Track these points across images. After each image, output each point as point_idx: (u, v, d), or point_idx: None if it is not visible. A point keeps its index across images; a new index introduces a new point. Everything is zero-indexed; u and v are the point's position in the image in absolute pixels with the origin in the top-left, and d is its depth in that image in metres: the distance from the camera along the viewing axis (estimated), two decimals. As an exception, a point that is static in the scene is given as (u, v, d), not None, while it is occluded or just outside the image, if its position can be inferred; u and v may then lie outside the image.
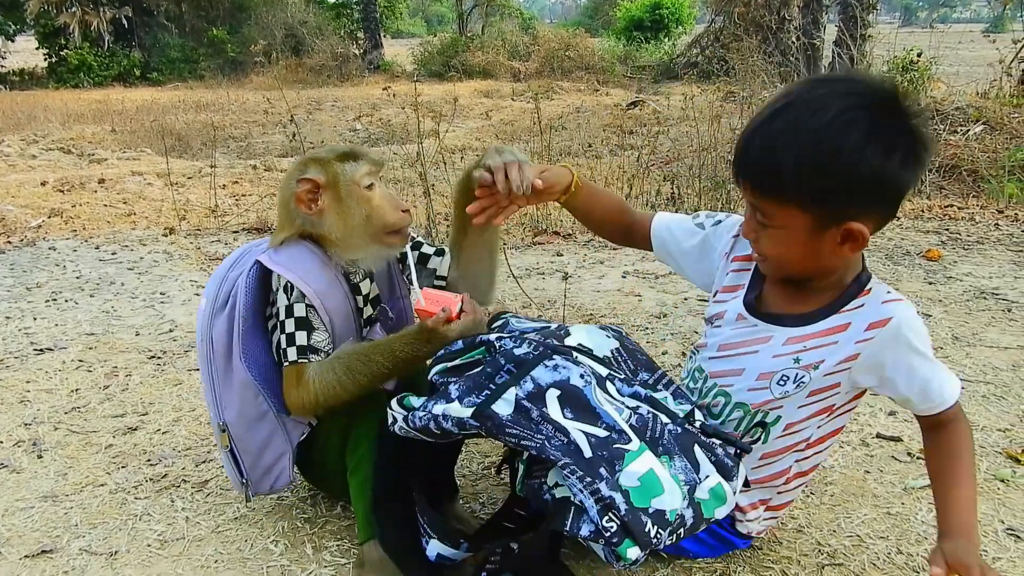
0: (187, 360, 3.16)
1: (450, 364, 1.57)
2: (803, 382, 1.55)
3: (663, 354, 3.03)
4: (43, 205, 6.66)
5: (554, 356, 1.46)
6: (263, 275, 1.84)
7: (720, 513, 1.46)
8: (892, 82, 1.42)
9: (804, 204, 1.39)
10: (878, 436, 2.37)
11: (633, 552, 1.33)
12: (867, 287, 1.55)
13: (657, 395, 1.55)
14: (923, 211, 5.44)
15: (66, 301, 3.99)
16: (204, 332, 1.88)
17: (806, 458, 1.68)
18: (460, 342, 1.60)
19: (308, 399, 1.77)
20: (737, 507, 1.69)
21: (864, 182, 1.35)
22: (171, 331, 3.53)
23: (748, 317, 1.63)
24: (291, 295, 1.79)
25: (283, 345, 1.79)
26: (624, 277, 4.15)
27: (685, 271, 1.84)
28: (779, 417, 1.61)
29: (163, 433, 2.55)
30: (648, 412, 1.46)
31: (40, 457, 2.40)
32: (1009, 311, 3.40)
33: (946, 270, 4.02)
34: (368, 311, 1.96)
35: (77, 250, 5.09)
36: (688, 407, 1.56)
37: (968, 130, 7.08)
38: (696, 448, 1.46)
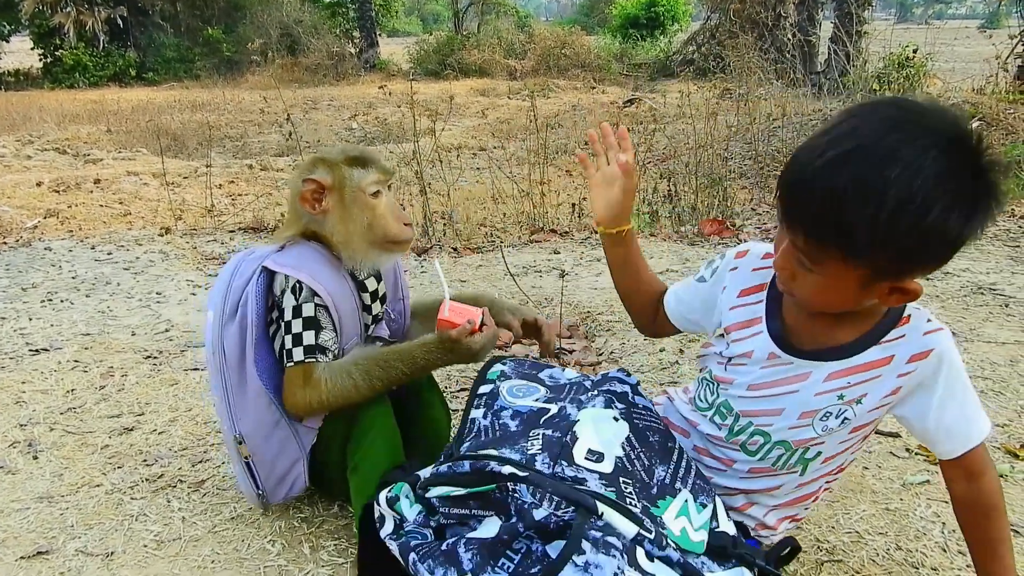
0: (183, 360, 3.16)
1: (455, 491, 1.41)
2: (847, 418, 1.46)
3: (660, 351, 3.03)
4: (39, 206, 6.65)
5: (583, 545, 1.26)
6: (271, 281, 1.83)
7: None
8: (969, 125, 1.23)
9: (866, 265, 1.25)
10: (877, 432, 2.37)
11: None
12: (906, 314, 1.43)
13: (677, 502, 1.44)
14: (920, 207, 5.43)
15: (62, 301, 3.98)
16: (215, 344, 1.84)
17: (836, 480, 1.64)
18: (467, 464, 1.41)
19: (315, 400, 1.77)
20: (764, 526, 1.64)
21: (939, 247, 1.23)
22: (167, 331, 3.52)
23: (781, 355, 1.49)
24: (300, 295, 1.78)
25: (288, 345, 1.78)
26: (621, 274, 4.13)
27: (707, 330, 1.70)
28: (819, 452, 1.53)
29: (159, 433, 2.54)
30: None
31: (36, 458, 2.39)
32: (1006, 307, 3.40)
33: (943, 266, 4.01)
34: (376, 308, 1.97)
35: (73, 250, 5.07)
36: (710, 506, 1.48)
37: (964, 126, 7.09)
38: None
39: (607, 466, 1.42)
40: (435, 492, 1.44)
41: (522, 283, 3.95)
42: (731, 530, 1.48)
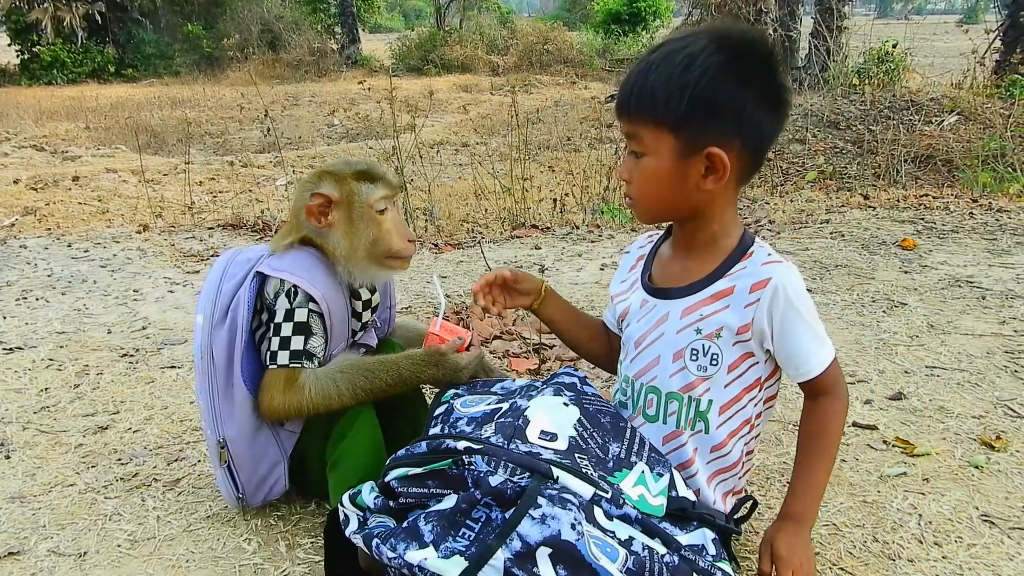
0: (160, 358, 3.12)
1: (412, 471, 1.43)
2: (715, 354, 1.57)
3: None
4: (16, 203, 6.58)
5: (539, 500, 1.28)
6: (261, 286, 1.82)
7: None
8: (761, 32, 1.61)
9: (672, 124, 1.47)
10: (854, 425, 2.38)
11: None
12: (750, 250, 1.59)
13: (633, 473, 1.46)
14: (899, 201, 5.47)
15: (37, 299, 3.93)
16: (204, 348, 1.82)
17: (754, 437, 1.69)
18: (423, 445, 1.46)
19: (295, 405, 1.76)
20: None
21: (723, 105, 1.46)
22: (144, 328, 3.49)
23: (649, 299, 1.67)
24: (294, 299, 1.77)
25: (274, 347, 1.77)
26: (602, 269, 4.14)
27: None
28: (711, 401, 1.60)
29: (134, 432, 2.51)
30: (643, 548, 1.33)
31: (8, 457, 2.36)
32: (983, 299, 3.42)
33: (921, 259, 4.04)
34: (367, 316, 1.97)
35: (49, 248, 5.02)
36: (667, 475, 1.51)
37: (943, 120, 7.14)
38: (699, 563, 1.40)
39: (561, 444, 1.44)
40: (393, 474, 1.46)
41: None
42: (690, 496, 1.52)
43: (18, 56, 23.00)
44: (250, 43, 22.46)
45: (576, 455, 1.43)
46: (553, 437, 1.45)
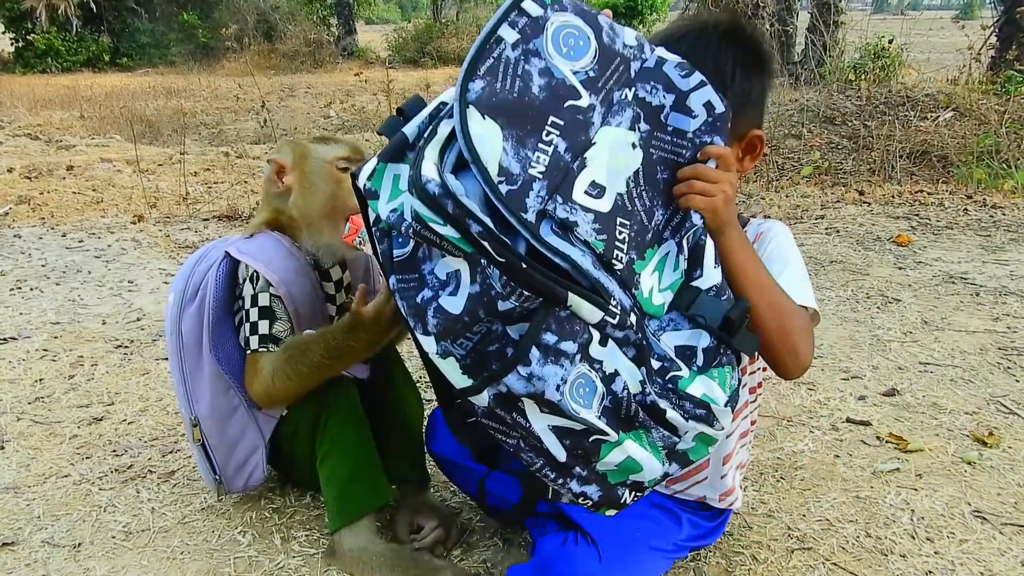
0: (155, 349, 3.12)
1: (431, 218, 1.19)
2: None
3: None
4: (10, 192, 6.54)
5: (530, 356, 1.20)
6: (232, 267, 1.82)
7: (712, 449, 1.41)
8: (732, 13, 1.64)
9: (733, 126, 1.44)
10: (848, 421, 2.39)
11: (611, 512, 1.35)
12: (747, 224, 1.60)
13: (658, 254, 1.35)
14: (893, 197, 5.48)
15: (31, 290, 3.92)
16: (173, 326, 1.85)
17: (756, 408, 1.71)
18: (449, 203, 1.17)
19: (260, 389, 1.76)
20: (726, 492, 1.69)
21: (759, 97, 1.52)
22: (139, 320, 3.48)
23: None
24: (256, 284, 1.77)
25: (246, 334, 1.77)
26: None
27: None
28: None
29: (129, 423, 2.51)
30: (623, 390, 1.29)
31: (2, 448, 2.35)
32: (977, 295, 3.43)
33: (916, 255, 4.05)
34: (341, 298, 1.95)
35: (43, 238, 5.00)
36: (684, 261, 1.37)
37: (938, 116, 7.14)
38: (670, 413, 1.33)
39: (606, 203, 1.28)
40: (413, 206, 1.21)
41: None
42: (711, 281, 1.38)
43: (12, 44, 22.84)
44: (246, 33, 22.35)
45: (619, 220, 1.28)
46: (601, 192, 1.28)
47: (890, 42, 9.61)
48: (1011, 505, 1.95)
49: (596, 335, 1.24)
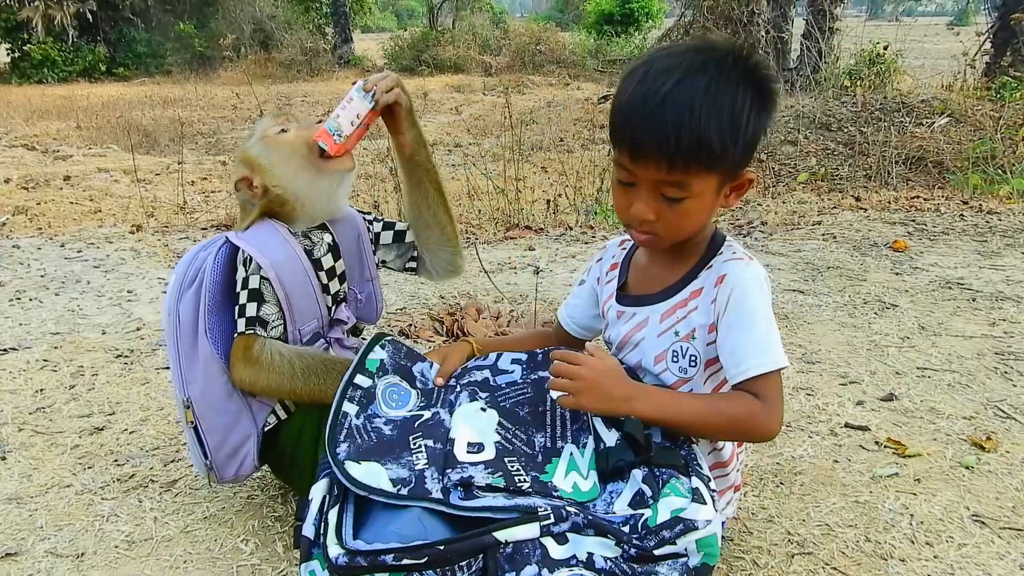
0: (155, 359, 3.13)
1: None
2: (694, 355, 1.56)
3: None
4: (7, 203, 6.56)
5: None
6: (232, 253, 1.86)
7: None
8: (752, 46, 1.61)
9: (722, 167, 1.44)
10: (847, 426, 2.40)
11: None
12: (720, 250, 1.58)
13: (563, 461, 1.47)
14: (890, 203, 5.50)
15: (30, 300, 3.92)
16: (171, 308, 1.87)
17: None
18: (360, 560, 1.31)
19: (250, 376, 1.78)
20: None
21: (756, 137, 1.46)
22: (139, 329, 3.48)
23: (625, 309, 1.68)
24: (248, 267, 1.81)
25: (235, 316, 1.81)
26: (595, 270, 4.15)
27: (599, 327, 1.86)
28: None
29: (130, 433, 2.51)
30: (605, 561, 1.33)
31: (4, 459, 2.36)
32: (973, 300, 3.45)
33: (912, 260, 4.07)
34: (335, 287, 1.97)
35: (42, 248, 5.00)
36: (590, 440, 1.50)
37: (933, 122, 7.18)
38: (659, 551, 1.36)
39: (489, 453, 1.47)
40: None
41: (497, 280, 3.95)
42: (611, 441, 1.48)
43: (8, 55, 22.86)
44: (242, 42, 22.38)
45: (505, 459, 1.46)
46: (480, 447, 1.49)
47: (885, 48, 9.66)
48: (1009, 509, 1.96)
49: (549, 542, 1.32)
